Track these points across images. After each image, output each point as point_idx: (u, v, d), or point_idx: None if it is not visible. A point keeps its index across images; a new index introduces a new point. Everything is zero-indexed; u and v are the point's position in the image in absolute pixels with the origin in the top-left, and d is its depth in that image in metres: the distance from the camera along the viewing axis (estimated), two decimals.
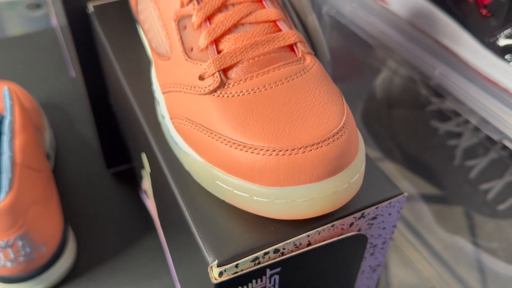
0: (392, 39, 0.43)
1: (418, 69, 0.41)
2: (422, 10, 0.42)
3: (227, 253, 0.21)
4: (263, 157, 0.20)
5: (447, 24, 0.40)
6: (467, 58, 0.38)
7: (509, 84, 0.35)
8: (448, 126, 0.49)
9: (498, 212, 0.47)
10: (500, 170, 0.48)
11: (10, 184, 0.36)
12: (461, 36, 0.38)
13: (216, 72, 0.23)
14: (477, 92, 0.36)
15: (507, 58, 0.36)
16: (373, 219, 0.24)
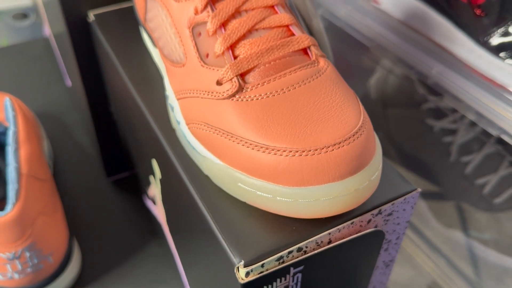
0: (388, 40, 0.44)
1: (415, 69, 0.42)
2: (415, 11, 0.43)
3: (253, 253, 0.22)
4: (286, 158, 0.21)
5: (442, 24, 0.41)
6: (463, 57, 0.39)
7: (505, 80, 0.36)
8: (443, 124, 0.51)
9: (495, 206, 0.49)
10: (495, 165, 0.49)
11: (17, 195, 0.36)
12: (456, 36, 0.40)
13: (234, 77, 0.23)
14: (474, 89, 0.38)
15: (502, 56, 0.37)
16: (389, 215, 0.25)
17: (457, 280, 0.47)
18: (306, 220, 0.23)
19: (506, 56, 0.36)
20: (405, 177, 0.25)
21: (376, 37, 0.45)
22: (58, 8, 0.40)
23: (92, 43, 0.42)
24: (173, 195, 0.31)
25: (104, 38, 0.37)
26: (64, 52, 0.52)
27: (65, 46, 0.49)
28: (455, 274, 0.48)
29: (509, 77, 0.36)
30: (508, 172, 0.49)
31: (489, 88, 0.37)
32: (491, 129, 0.37)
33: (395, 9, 0.45)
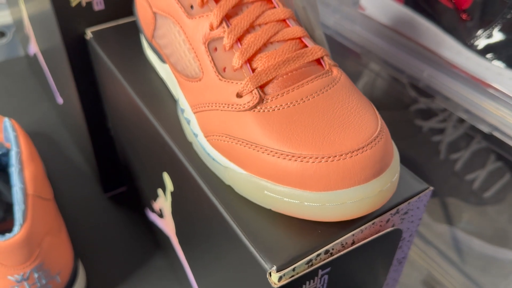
0: (377, 46, 0.46)
1: (406, 73, 0.43)
2: (402, 17, 0.45)
3: (283, 258, 0.23)
4: (313, 164, 0.22)
5: (429, 28, 0.43)
6: (451, 59, 0.41)
7: (493, 80, 0.38)
8: (431, 124, 0.53)
9: (484, 200, 0.51)
10: (482, 161, 0.51)
11: (24, 216, 0.36)
12: (443, 39, 0.42)
13: (254, 89, 0.24)
14: (464, 89, 0.39)
15: (488, 57, 0.39)
16: (405, 214, 0.26)
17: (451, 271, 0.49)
18: (330, 223, 0.24)
19: (493, 58, 0.38)
20: (417, 176, 0.27)
21: (365, 43, 0.47)
22: (53, 26, 0.40)
23: (89, 60, 0.42)
24: (187, 206, 0.32)
25: (105, 55, 0.37)
26: (54, 70, 0.52)
27: (55, 64, 0.49)
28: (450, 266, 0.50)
29: (497, 76, 0.38)
30: (495, 167, 0.51)
31: (479, 88, 0.39)
32: (483, 126, 0.39)
33: (381, 15, 0.47)
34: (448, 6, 0.41)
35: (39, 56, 0.56)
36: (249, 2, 0.26)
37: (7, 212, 0.46)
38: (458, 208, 0.52)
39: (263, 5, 0.26)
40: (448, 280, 0.50)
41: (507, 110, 0.37)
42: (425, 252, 0.51)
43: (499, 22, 0.38)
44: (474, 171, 0.51)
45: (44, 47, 0.51)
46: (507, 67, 0.38)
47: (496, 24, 0.38)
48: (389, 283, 0.31)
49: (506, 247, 0.49)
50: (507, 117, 0.37)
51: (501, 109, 0.37)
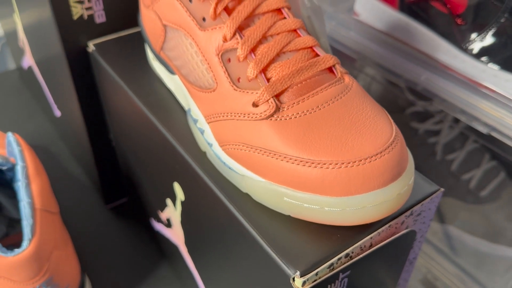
0: (374, 51, 0.47)
1: (403, 77, 0.44)
2: (397, 22, 0.46)
3: (306, 263, 0.23)
4: (333, 170, 0.22)
5: (425, 34, 0.44)
6: (448, 63, 0.42)
7: (489, 82, 0.40)
8: (427, 126, 0.54)
9: (481, 199, 0.52)
10: (477, 160, 0.53)
11: (32, 230, 0.36)
12: (439, 44, 0.43)
13: (271, 98, 0.24)
14: (461, 92, 0.41)
15: (484, 60, 0.40)
16: (418, 215, 0.27)
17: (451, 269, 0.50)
18: (347, 226, 0.24)
19: (488, 60, 0.40)
20: (427, 178, 0.28)
21: (362, 49, 0.48)
22: (55, 39, 0.40)
23: (91, 72, 0.42)
24: (199, 215, 0.32)
25: (109, 67, 0.37)
26: (51, 83, 0.52)
27: (53, 76, 0.49)
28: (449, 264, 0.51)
29: (492, 78, 0.39)
30: (490, 165, 0.53)
31: (476, 90, 0.40)
32: (481, 127, 0.40)
33: (376, 21, 0.48)
34: (443, 11, 0.42)
35: (35, 68, 0.56)
36: (260, 13, 0.27)
37: (9, 227, 0.45)
38: (456, 207, 0.53)
39: (274, 16, 0.27)
40: (448, 277, 0.51)
41: (504, 111, 0.38)
42: (424, 251, 0.52)
43: (493, 26, 0.39)
44: (470, 170, 0.52)
45: (41, 60, 0.51)
46: (502, 69, 0.39)
47: (490, 28, 0.39)
48: (400, 284, 0.32)
49: (504, 244, 0.51)
50: (504, 118, 0.38)
51: (498, 110, 0.39)
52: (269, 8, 0.27)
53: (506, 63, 0.39)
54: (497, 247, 0.51)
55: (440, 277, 0.51)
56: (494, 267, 0.51)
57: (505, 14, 0.38)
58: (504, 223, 0.52)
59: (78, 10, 0.38)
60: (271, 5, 0.27)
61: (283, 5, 0.27)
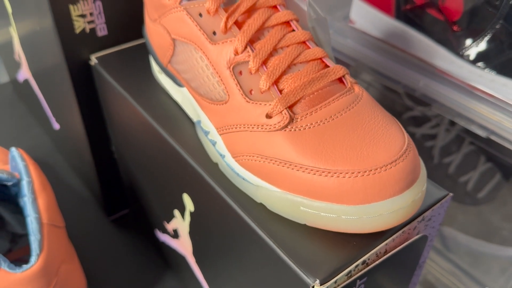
0: (372, 58, 0.47)
1: (402, 83, 0.45)
2: (393, 30, 0.47)
3: (325, 271, 0.23)
4: (349, 179, 0.23)
5: (421, 40, 0.45)
6: (445, 68, 0.43)
7: (486, 87, 0.40)
8: (424, 130, 0.55)
9: (479, 200, 0.53)
10: (473, 162, 0.54)
11: (40, 245, 0.36)
12: (436, 50, 0.44)
13: (284, 110, 0.25)
14: (459, 96, 0.41)
15: (480, 65, 0.41)
16: (428, 220, 0.27)
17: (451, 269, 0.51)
18: (362, 234, 0.25)
19: (485, 66, 0.41)
20: (436, 184, 0.28)
21: (359, 56, 0.48)
22: (57, 53, 0.40)
23: (93, 85, 0.42)
24: (209, 226, 0.32)
25: (113, 80, 0.38)
26: (50, 96, 0.51)
27: (53, 90, 0.49)
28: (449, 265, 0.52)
29: (490, 83, 0.40)
30: (486, 167, 0.54)
31: (474, 95, 0.41)
32: (480, 131, 0.41)
33: (372, 28, 0.49)
34: (439, 18, 0.43)
35: (32, 81, 0.55)
36: (269, 26, 0.27)
37: (12, 242, 0.45)
38: (455, 209, 0.54)
39: (283, 29, 0.27)
40: (448, 278, 0.51)
41: (502, 115, 0.39)
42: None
43: (488, 32, 0.40)
44: (466, 173, 0.53)
45: (39, 73, 0.51)
46: (498, 74, 0.40)
47: (486, 34, 0.40)
48: (410, 287, 0.32)
49: (502, 244, 0.52)
50: (503, 121, 0.39)
51: (496, 114, 0.39)
52: (278, 21, 0.27)
53: (502, 68, 0.40)
54: (495, 247, 0.52)
55: (440, 277, 0.52)
56: (492, 266, 0.52)
57: (500, 21, 0.39)
58: (501, 223, 0.53)
59: (80, 24, 0.39)
60: (280, 18, 0.27)
61: (291, 18, 0.27)
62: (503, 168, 0.53)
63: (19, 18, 0.48)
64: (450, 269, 0.50)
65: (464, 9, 0.41)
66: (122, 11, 0.40)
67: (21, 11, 0.46)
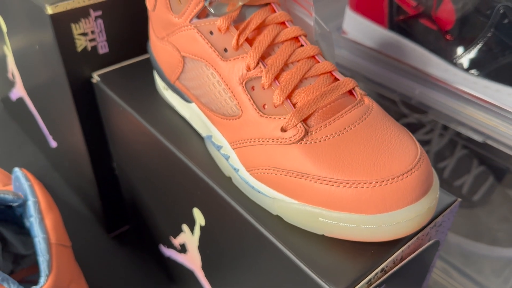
0: (367, 68, 0.49)
1: (397, 92, 0.46)
2: (388, 40, 0.48)
3: (346, 280, 0.24)
4: (367, 189, 0.23)
5: (415, 50, 0.46)
6: (439, 76, 0.44)
7: (480, 93, 0.42)
8: (418, 136, 0.56)
9: (474, 203, 0.54)
10: (467, 166, 0.55)
11: (49, 266, 0.35)
12: (430, 59, 0.45)
13: (299, 123, 0.26)
14: (455, 103, 0.43)
15: (473, 72, 0.42)
16: (439, 226, 0.28)
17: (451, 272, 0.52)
18: (378, 242, 0.26)
19: (478, 73, 0.42)
20: (445, 190, 0.29)
21: (354, 66, 0.49)
22: (59, 71, 0.40)
23: (95, 103, 0.42)
24: (220, 239, 0.33)
25: (117, 97, 0.38)
26: (46, 114, 0.51)
27: (50, 108, 0.49)
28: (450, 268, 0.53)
29: (484, 90, 0.42)
30: (480, 170, 0.55)
31: (469, 101, 0.42)
32: (476, 136, 0.42)
33: (365, 39, 0.50)
34: (432, 28, 0.44)
35: (27, 100, 0.55)
36: (279, 42, 0.28)
37: (15, 263, 0.44)
38: None
39: (292, 44, 0.28)
40: (448, 281, 0.52)
41: (497, 120, 0.40)
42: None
43: (480, 40, 0.42)
44: (461, 177, 0.55)
45: (35, 92, 0.51)
46: (491, 80, 0.42)
47: (478, 42, 0.42)
48: None
49: (499, 245, 0.53)
50: (498, 126, 0.40)
51: (491, 119, 0.41)
52: (288, 37, 0.28)
53: (495, 74, 0.41)
54: (493, 248, 0.53)
55: (438, 279, 0.53)
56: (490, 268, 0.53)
57: (491, 29, 0.41)
58: (497, 225, 0.54)
59: (82, 42, 0.39)
60: (289, 34, 0.28)
61: (300, 33, 0.28)
62: (495, 171, 0.55)
63: (14, 37, 0.48)
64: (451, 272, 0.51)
65: (456, 19, 0.43)
66: (123, 29, 0.40)
67: (18, 30, 0.46)
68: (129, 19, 0.40)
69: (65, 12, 0.37)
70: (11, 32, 0.48)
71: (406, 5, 0.46)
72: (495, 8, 0.40)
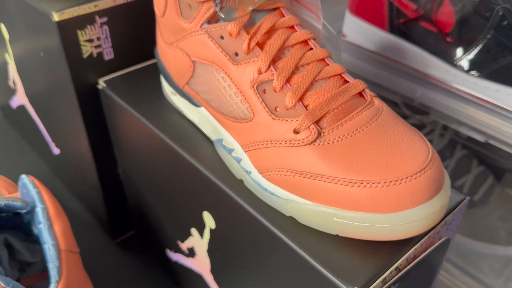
0: (368, 71, 0.49)
1: (399, 93, 0.47)
2: (388, 43, 0.49)
3: (362, 279, 0.24)
4: (382, 189, 0.24)
5: (415, 52, 0.47)
6: (440, 77, 0.45)
7: (481, 93, 0.42)
8: None
9: (475, 203, 0.55)
10: (467, 166, 0.56)
11: (59, 272, 0.35)
12: (430, 61, 0.46)
13: (312, 125, 0.26)
14: (456, 104, 0.43)
15: (473, 73, 0.43)
16: (449, 224, 0.29)
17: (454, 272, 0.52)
18: (391, 241, 0.26)
19: (478, 74, 0.43)
20: (454, 189, 0.29)
21: (355, 69, 0.50)
22: (65, 78, 0.40)
23: (100, 109, 0.42)
24: (231, 242, 0.33)
25: (124, 102, 0.38)
26: (49, 121, 0.51)
27: (52, 115, 0.49)
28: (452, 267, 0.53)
29: (484, 90, 0.42)
30: (479, 170, 0.56)
31: (470, 101, 0.43)
32: (478, 136, 0.43)
33: (366, 42, 0.51)
34: (432, 30, 0.45)
35: (28, 107, 0.55)
36: (289, 45, 0.28)
37: (20, 271, 0.44)
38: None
39: (302, 48, 0.28)
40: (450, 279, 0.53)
41: (498, 119, 0.41)
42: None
43: (480, 41, 0.42)
44: (461, 177, 0.55)
45: (38, 99, 0.51)
46: (491, 81, 0.42)
47: (478, 43, 0.42)
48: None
49: (500, 244, 0.53)
50: (499, 126, 0.41)
51: (492, 118, 0.41)
52: (297, 40, 0.28)
53: (495, 75, 0.42)
54: (494, 247, 0.54)
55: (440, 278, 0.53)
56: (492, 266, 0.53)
57: (490, 30, 0.41)
58: (497, 224, 0.55)
59: (87, 49, 0.39)
60: (298, 38, 0.28)
61: (309, 37, 0.29)
62: (495, 171, 0.56)
63: (17, 45, 0.48)
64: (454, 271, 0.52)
65: (456, 21, 0.43)
66: (128, 35, 0.41)
67: (21, 37, 0.46)
68: (134, 25, 0.41)
69: (71, 19, 0.37)
70: (13, 40, 0.48)
71: (406, 8, 0.46)
72: (494, 10, 0.41)
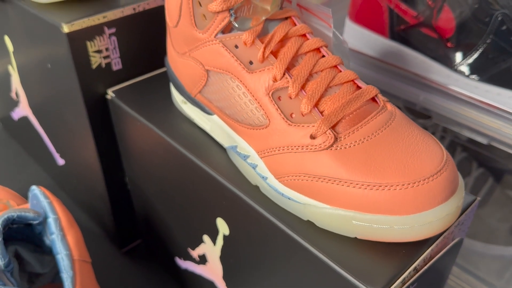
0: (370, 77, 0.50)
1: (401, 98, 0.48)
2: (389, 50, 0.50)
3: (382, 280, 0.25)
4: (400, 191, 0.24)
5: (416, 58, 0.48)
6: (442, 82, 0.46)
7: (482, 97, 0.43)
8: None
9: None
10: (467, 169, 0.57)
11: (73, 282, 0.35)
12: (432, 66, 0.47)
13: (328, 130, 0.26)
14: (458, 107, 0.44)
15: (474, 78, 0.44)
16: (462, 225, 0.29)
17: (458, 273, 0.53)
18: (408, 242, 0.27)
19: (479, 78, 0.44)
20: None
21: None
22: (73, 89, 0.40)
23: (109, 119, 0.42)
24: (245, 248, 0.33)
25: (134, 112, 0.38)
26: (53, 132, 0.51)
27: (57, 126, 0.49)
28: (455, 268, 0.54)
29: (485, 93, 0.43)
30: (479, 172, 0.57)
31: (472, 105, 0.44)
32: (480, 138, 0.44)
33: (367, 49, 0.52)
34: (433, 36, 0.46)
35: (32, 118, 0.55)
36: (302, 53, 0.29)
37: (29, 282, 0.44)
38: None
39: (315, 55, 0.29)
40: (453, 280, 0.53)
41: (500, 122, 0.42)
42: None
43: (480, 46, 0.43)
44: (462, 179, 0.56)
45: (42, 110, 0.51)
46: (492, 85, 0.43)
47: (478, 48, 0.43)
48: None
49: (500, 244, 0.54)
50: (501, 128, 0.42)
51: (494, 121, 0.42)
52: (310, 48, 0.29)
53: (496, 79, 0.43)
54: (495, 247, 0.54)
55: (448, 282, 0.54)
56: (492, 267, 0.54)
57: (490, 35, 0.42)
58: (497, 225, 0.56)
59: (96, 59, 0.39)
60: (311, 45, 0.29)
61: (321, 45, 0.29)
62: (495, 172, 0.57)
63: (22, 56, 0.48)
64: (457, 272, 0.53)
65: (456, 27, 0.44)
66: (135, 45, 0.41)
67: (26, 49, 0.46)
68: (141, 36, 0.41)
69: (80, 30, 0.37)
70: (18, 51, 0.48)
71: (406, 15, 0.47)
72: (493, 16, 0.42)
